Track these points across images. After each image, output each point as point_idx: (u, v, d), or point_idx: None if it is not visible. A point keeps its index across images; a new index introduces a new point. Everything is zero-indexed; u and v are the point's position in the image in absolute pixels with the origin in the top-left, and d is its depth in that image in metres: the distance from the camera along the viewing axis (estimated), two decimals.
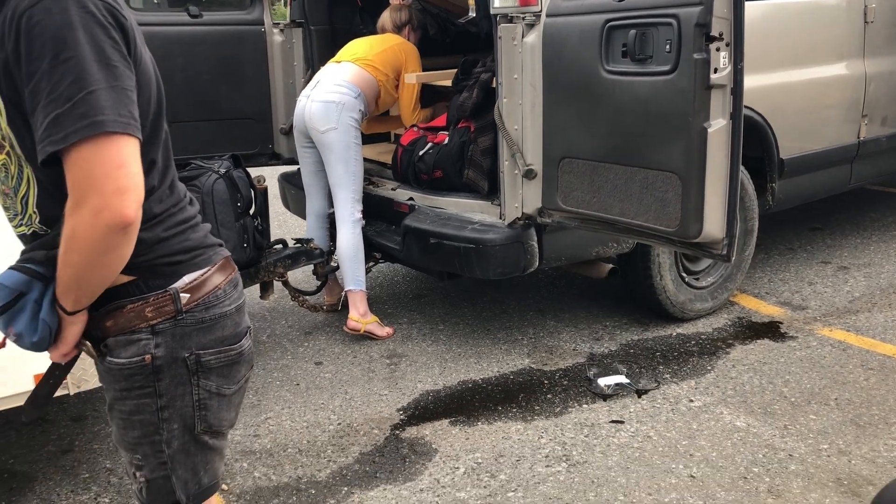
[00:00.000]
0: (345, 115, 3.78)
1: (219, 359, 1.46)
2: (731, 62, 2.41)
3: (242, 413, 3.21)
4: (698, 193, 2.50)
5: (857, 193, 6.17)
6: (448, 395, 3.35)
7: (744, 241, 4.04)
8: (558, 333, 3.89)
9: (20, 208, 1.36)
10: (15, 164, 1.32)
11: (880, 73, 4.43)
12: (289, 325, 4.19)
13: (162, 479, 1.46)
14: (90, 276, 1.28)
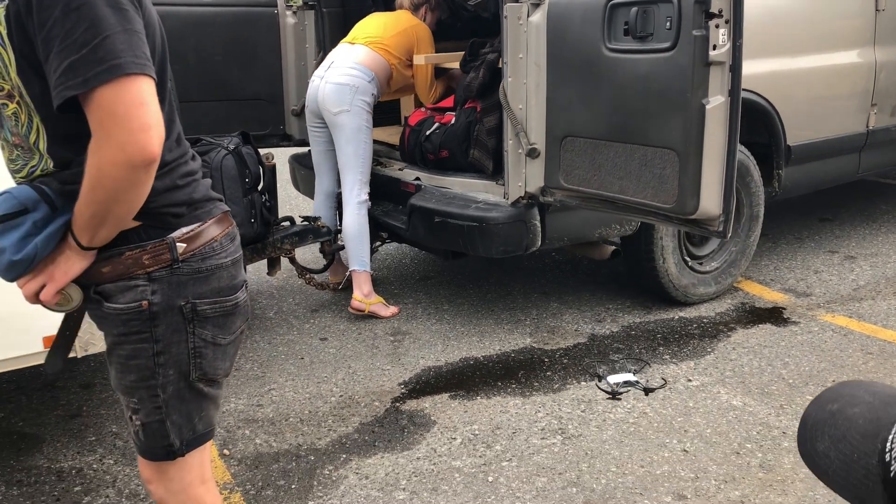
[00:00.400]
0: (357, 98, 3.82)
1: (214, 309, 1.50)
2: (730, 39, 2.43)
3: (246, 383, 3.30)
4: (695, 169, 2.52)
5: (868, 186, 6.16)
6: (449, 370, 3.40)
7: (749, 227, 4.06)
8: (561, 315, 3.93)
9: (36, 153, 1.40)
10: (25, 113, 1.36)
11: (891, 62, 4.42)
12: (296, 303, 4.25)
13: (157, 424, 1.51)
14: (112, 212, 1.32)
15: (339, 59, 3.94)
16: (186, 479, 1.59)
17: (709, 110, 2.48)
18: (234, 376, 3.39)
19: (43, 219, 1.38)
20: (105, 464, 2.76)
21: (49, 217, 1.38)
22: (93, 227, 1.34)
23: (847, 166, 4.54)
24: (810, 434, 0.74)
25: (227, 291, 1.52)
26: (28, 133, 1.38)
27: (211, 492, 1.64)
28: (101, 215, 1.32)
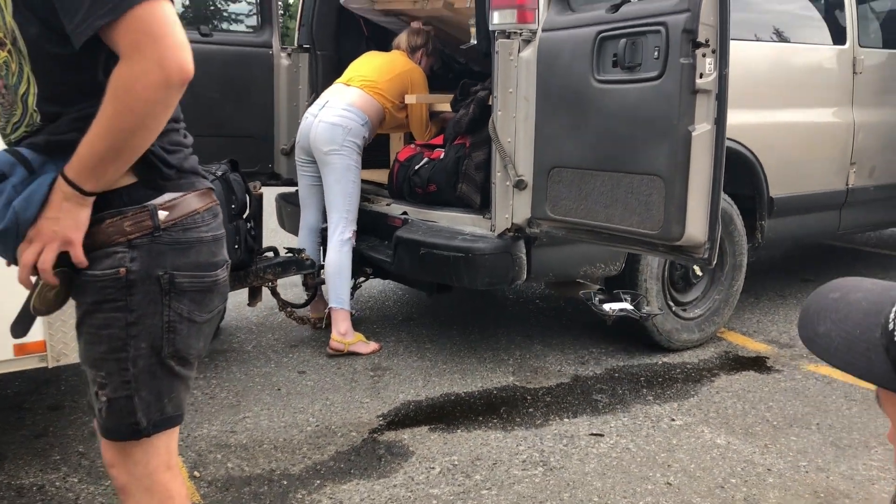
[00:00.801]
0: (349, 140, 3.85)
1: (192, 283, 1.46)
2: (716, 68, 2.49)
3: (220, 411, 3.21)
4: (681, 196, 2.54)
5: (848, 252, 6.24)
6: (430, 405, 3.33)
7: (732, 276, 4.08)
8: (544, 356, 3.89)
9: (21, 107, 1.38)
10: (16, 62, 1.35)
11: (868, 124, 4.54)
12: (275, 339, 4.18)
13: (124, 400, 1.44)
14: (131, 143, 1.29)
15: (333, 99, 3.97)
16: (152, 463, 1.51)
17: (695, 137, 2.51)
18: (207, 403, 3.31)
19: (22, 182, 1.35)
20: (69, 482, 2.65)
21: (28, 180, 1.36)
22: (104, 164, 1.30)
23: (828, 223, 4.60)
24: (812, 319, 0.75)
25: (207, 267, 1.48)
26: (18, 84, 1.36)
27: (177, 479, 1.56)
28: (119, 148, 1.29)
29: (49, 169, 1.37)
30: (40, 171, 1.36)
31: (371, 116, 3.95)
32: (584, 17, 2.92)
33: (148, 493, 1.50)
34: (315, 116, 3.94)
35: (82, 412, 3.19)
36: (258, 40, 4.60)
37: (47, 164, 1.37)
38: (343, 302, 3.88)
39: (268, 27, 4.61)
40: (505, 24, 3.18)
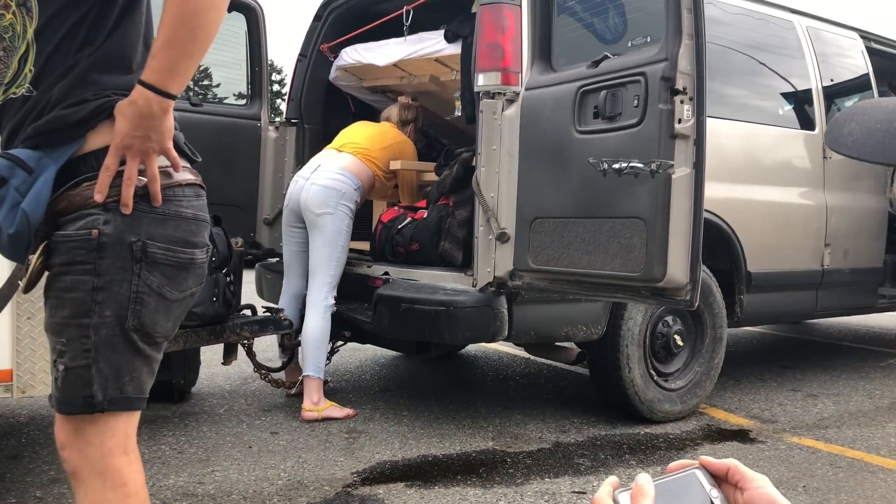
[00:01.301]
0: (342, 203, 3.85)
1: (166, 255, 1.42)
2: (694, 114, 2.58)
3: (188, 464, 3.08)
4: (662, 236, 2.57)
5: (824, 347, 6.28)
6: (406, 465, 3.21)
7: (713, 349, 4.06)
8: (525, 424, 3.80)
9: (16, 67, 1.39)
10: (20, 24, 1.38)
11: (840, 207, 4.67)
12: (247, 403, 4.07)
13: (81, 369, 1.38)
14: (203, 18, 1.32)
15: (325, 163, 3.98)
16: (107, 444, 1.42)
17: (675, 180, 2.57)
18: (175, 457, 3.18)
19: (24, 183, 1.36)
20: None
21: (29, 180, 1.36)
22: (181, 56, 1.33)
23: (805, 302, 4.64)
24: (840, 122, 0.77)
25: (182, 243, 1.44)
26: (19, 45, 1.39)
27: (133, 466, 1.45)
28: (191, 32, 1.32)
29: (47, 164, 1.37)
30: (38, 169, 1.37)
31: (363, 182, 3.97)
32: (565, 74, 3.03)
33: (100, 478, 1.41)
34: (307, 179, 3.93)
35: (42, 462, 3.04)
36: (247, 112, 4.71)
37: (42, 159, 1.37)
38: (319, 370, 3.80)
39: (257, 101, 4.73)
40: (489, 86, 3.29)
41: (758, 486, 0.94)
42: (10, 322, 2.52)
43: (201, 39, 1.34)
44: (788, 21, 4.68)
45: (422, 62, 4.17)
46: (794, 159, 4.55)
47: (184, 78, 1.35)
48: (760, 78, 4.48)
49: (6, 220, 1.36)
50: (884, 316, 8.00)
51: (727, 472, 0.98)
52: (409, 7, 4.10)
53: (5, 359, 2.50)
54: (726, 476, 0.98)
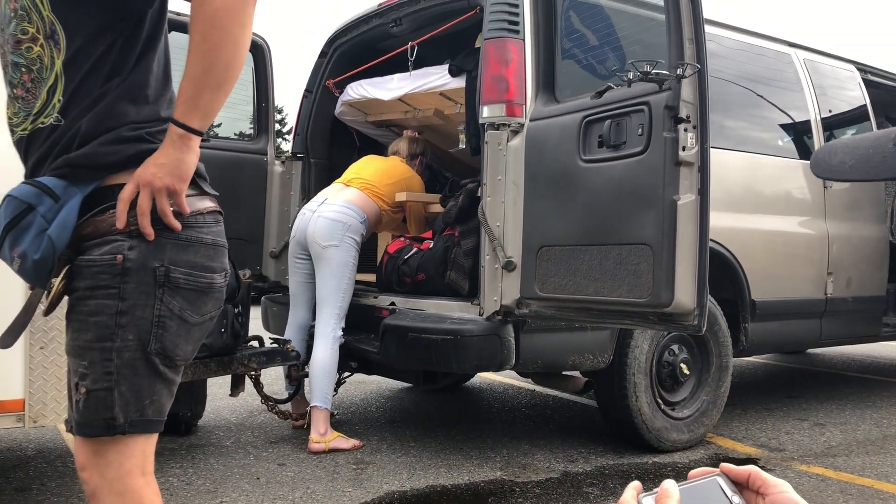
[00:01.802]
0: (348, 236, 3.89)
1: (188, 280, 1.46)
2: (697, 142, 2.62)
3: (196, 496, 3.07)
4: (669, 262, 2.60)
5: (830, 377, 6.27)
6: (415, 495, 3.20)
7: (719, 377, 4.07)
8: (533, 454, 3.79)
9: (45, 97, 1.43)
10: (48, 56, 1.42)
11: (841, 236, 4.71)
12: (254, 436, 4.06)
13: (103, 392, 1.40)
14: (224, 53, 1.37)
15: (332, 196, 4.03)
16: (126, 465, 1.43)
17: (680, 206, 2.61)
18: (183, 489, 3.17)
19: (50, 210, 1.39)
20: None
21: (55, 207, 1.39)
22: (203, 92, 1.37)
23: (810, 331, 4.65)
24: (824, 157, 0.80)
25: (203, 269, 1.48)
26: (47, 76, 1.43)
27: (151, 486, 1.47)
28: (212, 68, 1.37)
29: (73, 193, 1.41)
30: (65, 196, 1.40)
31: (369, 216, 4.01)
32: (570, 105, 3.09)
33: (119, 498, 1.42)
34: (314, 212, 3.97)
35: (51, 493, 3.03)
36: (254, 147, 4.77)
37: (69, 188, 1.41)
38: (326, 401, 3.80)
39: (263, 135, 4.80)
40: (494, 118, 3.35)
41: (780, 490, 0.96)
42: (24, 352, 2.53)
43: (221, 74, 1.38)
44: (786, 54, 4.77)
45: (427, 96, 4.24)
46: (796, 189, 4.60)
47: (205, 112, 1.39)
48: (760, 110, 4.55)
49: (32, 245, 1.39)
50: (888, 346, 8.01)
51: (748, 479, 0.99)
52: (413, 43, 4.18)
53: (18, 388, 2.52)
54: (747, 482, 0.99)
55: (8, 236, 1.42)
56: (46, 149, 1.44)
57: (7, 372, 2.51)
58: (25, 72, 1.45)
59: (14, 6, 1.40)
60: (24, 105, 1.46)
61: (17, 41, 1.42)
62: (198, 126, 1.38)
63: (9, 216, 1.41)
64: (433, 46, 4.27)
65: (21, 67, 1.44)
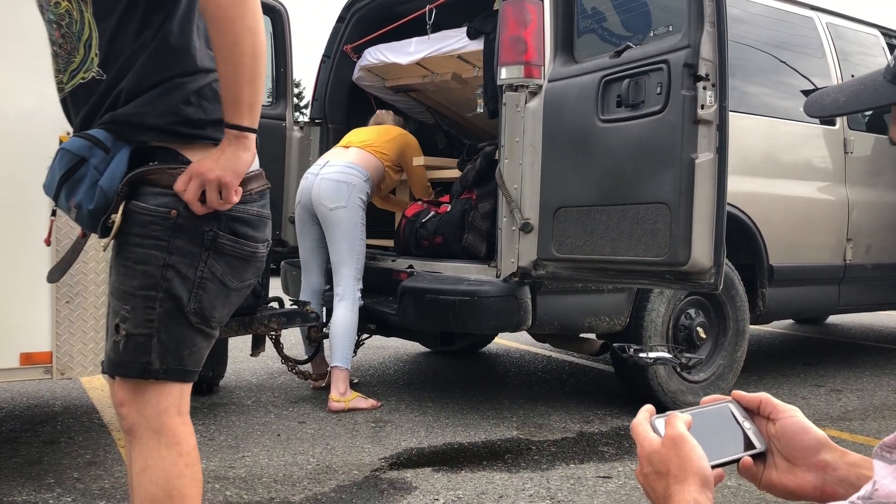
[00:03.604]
0: (354, 195, 3.93)
1: (233, 247, 1.50)
2: (716, 101, 2.62)
3: (218, 451, 3.14)
4: (686, 221, 2.61)
5: (847, 346, 6.25)
6: (432, 451, 3.26)
7: (735, 341, 4.08)
8: (548, 415, 3.83)
9: (83, 52, 1.45)
10: (77, 9, 1.44)
11: (862, 202, 4.67)
12: (275, 395, 4.13)
13: (143, 338, 1.45)
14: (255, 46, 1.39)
15: (334, 158, 4.07)
16: (163, 403, 1.49)
17: (698, 164, 2.61)
18: (205, 445, 3.24)
19: (102, 161, 1.43)
20: (63, 501, 2.56)
21: (106, 159, 1.43)
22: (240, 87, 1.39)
23: (828, 297, 4.64)
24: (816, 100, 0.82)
25: (248, 238, 1.53)
26: (81, 30, 1.45)
27: (187, 425, 1.52)
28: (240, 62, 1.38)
29: (122, 145, 1.45)
30: (115, 148, 1.44)
31: (371, 173, 4.04)
32: (588, 65, 3.08)
33: (155, 436, 1.47)
34: (316, 175, 4.01)
35: (78, 446, 3.11)
36: (272, 112, 4.79)
37: (117, 141, 1.45)
38: (346, 361, 3.86)
39: (282, 101, 4.82)
40: (512, 79, 3.35)
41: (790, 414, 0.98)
42: (50, 305, 2.59)
43: (249, 65, 1.40)
44: (808, 18, 4.71)
45: (444, 59, 4.24)
46: (816, 154, 4.56)
47: (250, 106, 1.41)
48: (781, 75, 4.50)
49: (86, 196, 1.44)
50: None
51: (759, 405, 1.02)
52: (431, 6, 4.17)
53: (45, 341, 2.58)
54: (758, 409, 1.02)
55: (64, 187, 1.47)
56: (94, 104, 1.47)
57: (34, 325, 2.57)
58: (56, 28, 1.48)
59: None
60: (63, 61, 1.49)
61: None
62: (248, 123, 1.41)
63: (63, 168, 1.45)
64: (451, 12, 4.25)
65: (53, 24, 1.47)
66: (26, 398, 3.92)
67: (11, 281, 2.54)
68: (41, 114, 2.59)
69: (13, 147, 2.59)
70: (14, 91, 2.61)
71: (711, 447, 0.93)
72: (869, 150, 4.82)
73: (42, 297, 2.54)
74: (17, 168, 2.57)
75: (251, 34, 1.39)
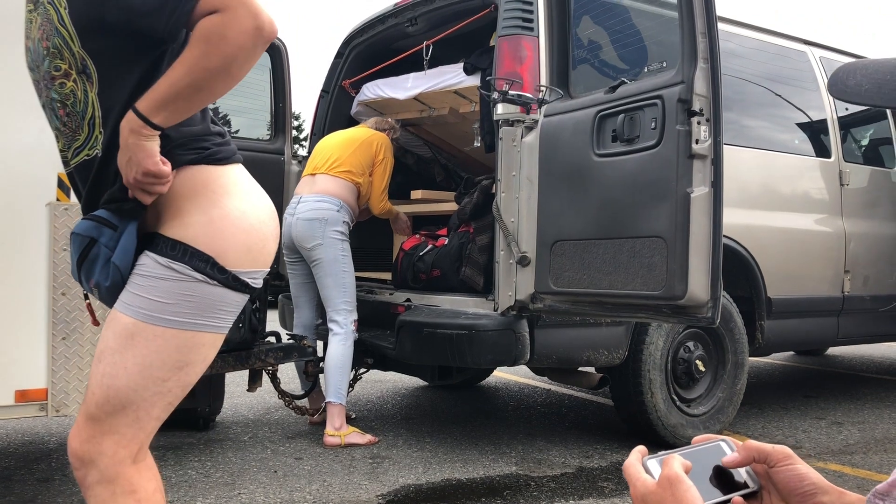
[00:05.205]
0: (329, 230, 3.88)
1: None
2: (711, 135, 2.63)
3: (214, 488, 3.13)
4: (683, 254, 2.61)
5: (848, 378, 6.22)
6: (430, 488, 3.22)
7: (735, 374, 4.06)
8: (548, 450, 3.80)
9: (87, 130, 1.46)
10: (81, 90, 1.44)
11: (859, 234, 4.68)
12: (272, 431, 4.10)
13: None
14: (215, 81, 1.35)
15: (305, 192, 4.01)
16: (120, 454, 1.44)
17: (693, 198, 2.62)
18: (201, 481, 3.21)
19: (112, 239, 1.45)
20: None
21: (115, 235, 1.45)
22: (178, 100, 1.35)
23: (826, 329, 4.63)
24: (841, 77, 0.80)
25: None
26: (85, 109, 1.45)
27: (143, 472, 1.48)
28: (198, 87, 1.35)
29: (128, 221, 1.46)
30: (122, 225, 1.45)
31: (345, 198, 3.96)
32: (583, 100, 3.11)
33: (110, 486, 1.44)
34: (292, 216, 3.98)
35: (73, 483, 3.08)
36: (271, 147, 4.83)
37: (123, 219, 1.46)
38: (341, 397, 3.83)
39: (280, 135, 4.85)
40: (509, 115, 3.37)
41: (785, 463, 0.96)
42: (46, 342, 2.58)
43: (201, 97, 1.38)
44: (801, 52, 4.76)
45: (442, 95, 4.27)
46: (812, 187, 4.58)
47: (171, 118, 1.38)
48: (776, 108, 4.54)
49: (101, 275, 1.45)
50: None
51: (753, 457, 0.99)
52: (428, 42, 4.21)
53: (41, 378, 2.57)
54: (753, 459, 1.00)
55: (82, 271, 1.49)
56: (94, 182, 1.49)
57: (30, 362, 2.56)
58: (60, 106, 1.48)
59: (46, 44, 1.43)
60: (67, 139, 1.50)
61: (52, 77, 1.45)
62: (158, 123, 1.37)
63: (77, 252, 1.48)
64: (448, 48, 4.29)
65: (57, 102, 1.48)
66: (21, 435, 3.89)
67: (7, 318, 2.53)
68: (41, 150, 2.60)
69: (13, 183, 2.60)
70: (14, 128, 2.63)
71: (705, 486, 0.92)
72: (865, 181, 4.84)
73: (38, 333, 2.53)
74: (17, 205, 2.58)
75: (231, 81, 1.37)
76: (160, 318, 1.41)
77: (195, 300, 1.42)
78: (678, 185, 2.64)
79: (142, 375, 1.41)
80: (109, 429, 1.42)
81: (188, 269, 1.41)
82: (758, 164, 4.26)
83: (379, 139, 4.14)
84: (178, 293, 1.41)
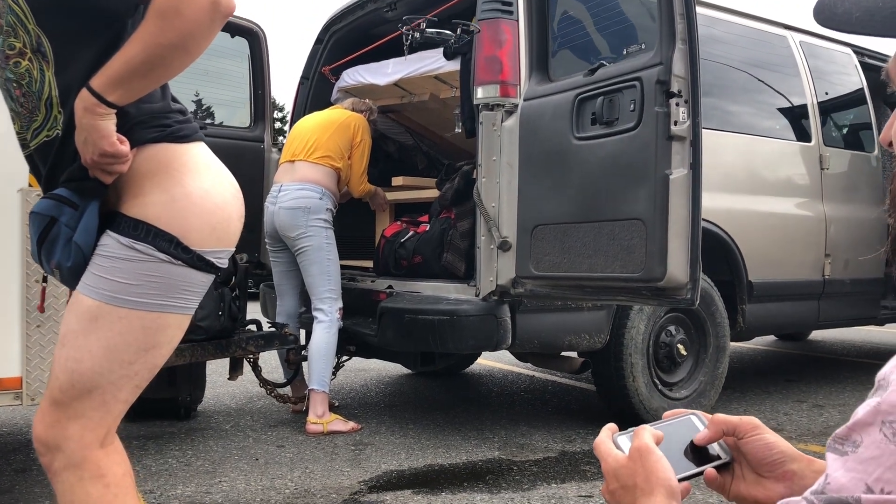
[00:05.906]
0: (312, 219, 3.85)
1: None
2: (689, 117, 2.63)
3: (195, 476, 3.10)
4: (662, 237, 2.61)
5: (828, 362, 6.27)
6: (413, 474, 3.22)
7: (716, 358, 4.08)
8: (530, 435, 3.80)
9: (44, 111, 1.42)
10: (37, 69, 1.40)
11: (839, 218, 4.71)
12: (253, 420, 4.08)
13: None
14: (171, 58, 1.30)
15: (286, 181, 3.97)
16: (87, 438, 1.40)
17: (672, 180, 2.62)
18: (182, 469, 3.19)
19: (72, 218, 1.40)
20: None
21: (76, 214, 1.40)
22: (134, 78, 1.31)
23: (807, 312, 4.65)
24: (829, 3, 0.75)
25: None
26: (41, 89, 1.41)
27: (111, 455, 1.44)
28: (154, 63, 1.31)
29: (89, 200, 1.42)
30: (83, 204, 1.41)
31: (326, 185, 3.93)
32: (563, 83, 3.10)
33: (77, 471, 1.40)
34: (274, 204, 3.95)
35: None
36: (251, 135, 4.79)
37: (84, 198, 1.42)
38: (325, 384, 3.82)
39: (260, 123, 4.81)
40: (488, 98, 3.36)
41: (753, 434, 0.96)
42: (20, 330, 2.55)
43: (157, 74, 1.34)
44: (783, 37, 4.77)
45: (422, 80, 4.25)
46: (793, 171, 4.60)
47: (127, 96, 1.34)
48: (757, 93, 4.55)
49: (63, 254, 1.40)
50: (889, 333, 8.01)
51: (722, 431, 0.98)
52: (408, 28, 4.18)
53: (15, 366, 2.54)
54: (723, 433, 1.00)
55: (42, 251, 1.44)
56: (53, 162, 1.45)
57: (4, 350, 2.53)
58: (16, 86, 1.43)
59: (0, 22, 1.39)
60: (25, 120, 1.46)
61: (6, 56, 1.40)
62: (114, 101, 1.32)
63: (37, 231, 1.43)
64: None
65: (12, 82, 1.43)
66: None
67: None
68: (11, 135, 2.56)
69: None
70: None
71: (677, 459, 0.92)
72: (845, 166, 4.86)
73: (11, 321, 2.50)
74: None
75: (188, 57, 1.34)
76: (124, 299, 1.38)
77: (159, 281, 1.40)
78: (657, 168, 2.64)
79: (107, 358, 1.38)
80: (75, 413, 1.39)
81: (151, 250, 1.38)
82: (739, 149, 4.27)
83: (356, 120, 4.09)
84: (141, 274, 1.38)
